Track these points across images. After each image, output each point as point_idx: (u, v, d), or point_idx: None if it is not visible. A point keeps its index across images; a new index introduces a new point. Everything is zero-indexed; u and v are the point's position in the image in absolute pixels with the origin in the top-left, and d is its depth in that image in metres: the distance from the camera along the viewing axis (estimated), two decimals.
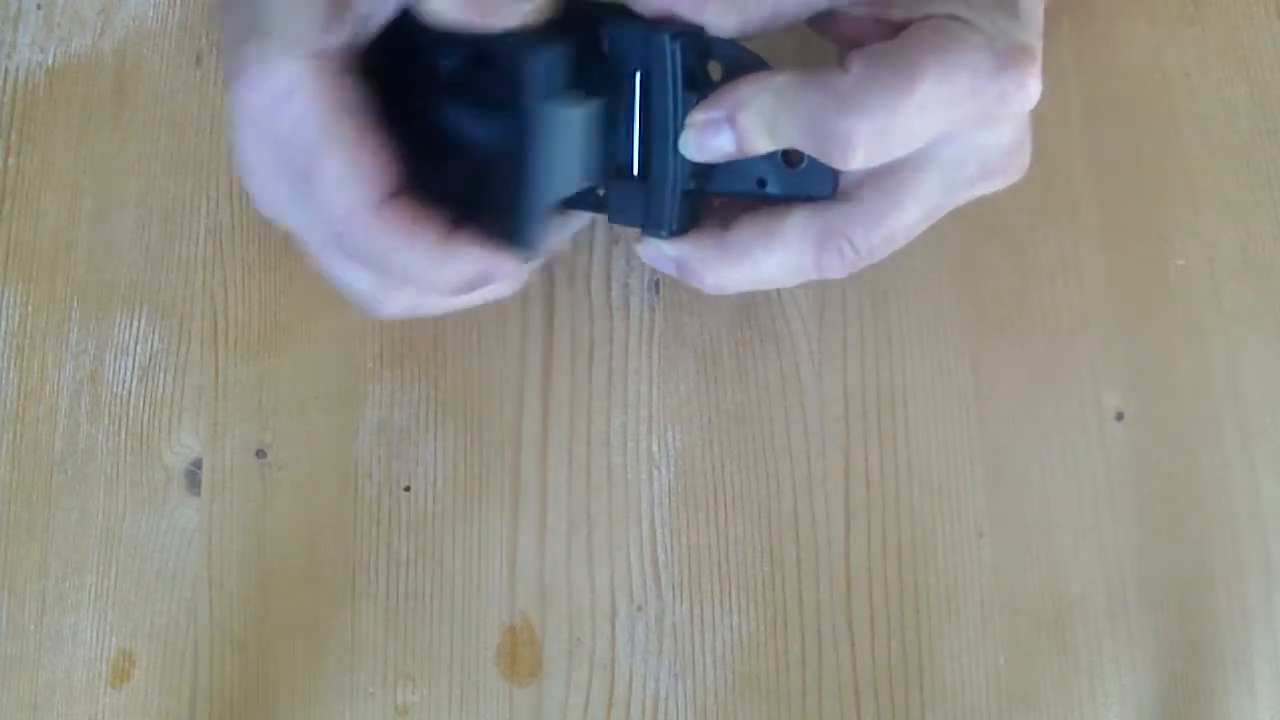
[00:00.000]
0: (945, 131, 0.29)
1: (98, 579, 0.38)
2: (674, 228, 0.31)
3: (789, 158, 0.31)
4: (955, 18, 0.29)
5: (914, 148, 0.29)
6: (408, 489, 0.38)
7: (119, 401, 0.39)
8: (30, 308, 0.40)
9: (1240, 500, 0.37)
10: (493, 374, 0.39)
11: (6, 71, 0.42)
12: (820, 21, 0.32)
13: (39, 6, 0.43)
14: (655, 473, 0.38)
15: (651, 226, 0.32)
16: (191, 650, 0.37)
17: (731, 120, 0.30)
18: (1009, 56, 0.29)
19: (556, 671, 0.36)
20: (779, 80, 0.30)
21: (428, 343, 0.39)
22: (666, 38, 0.30)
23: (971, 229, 0.39)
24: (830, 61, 0.30)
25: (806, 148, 0.30)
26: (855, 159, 0.29)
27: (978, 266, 0.39)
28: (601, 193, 0.32)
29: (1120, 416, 0.37)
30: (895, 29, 0.30)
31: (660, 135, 0.31)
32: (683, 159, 0.31)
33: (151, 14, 0.43)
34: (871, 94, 0.28)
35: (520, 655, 0.37)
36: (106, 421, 0.39)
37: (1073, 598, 0.36)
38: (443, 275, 0.30)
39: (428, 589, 0.37)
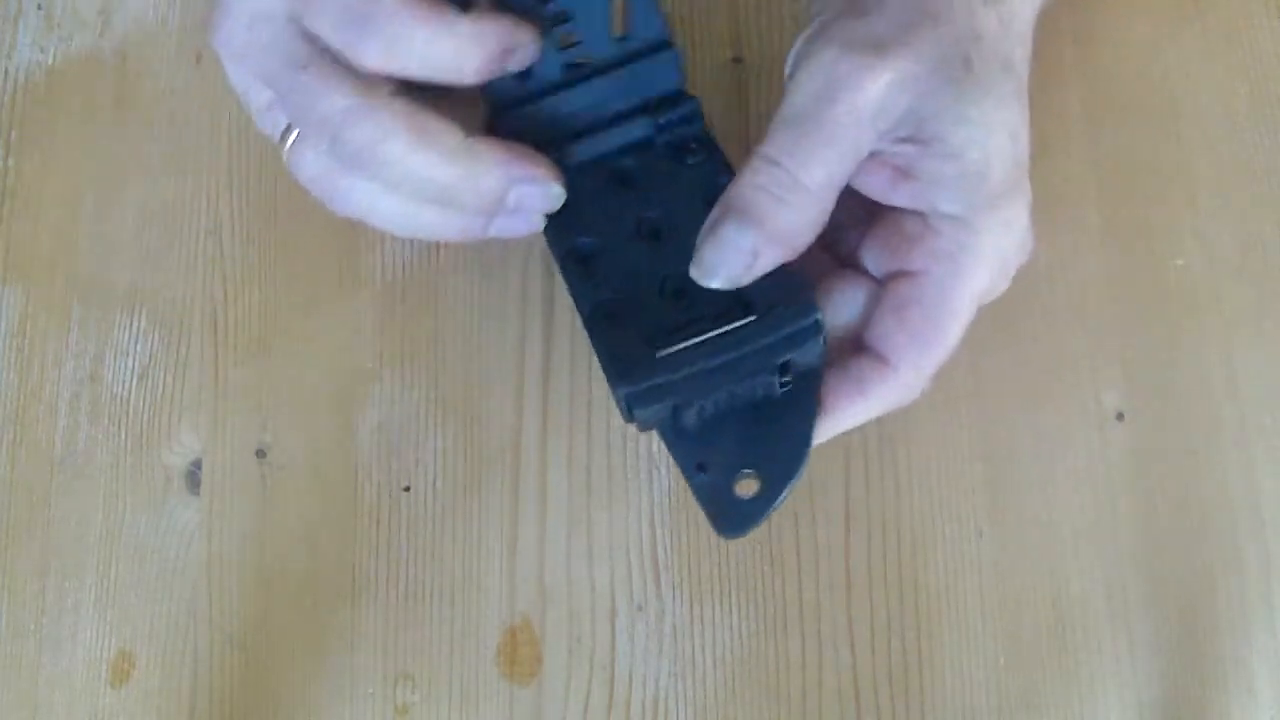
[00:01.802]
0: None
1: (98, 579, 0.38)
2: (633, 396, 0.30)
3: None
4: (964, 224, 0.30)
5: None
6: (408, 489, 0.38)
7: (119, 401, 0.39)
8: (30, 308, 0.40)
9: (1240, 500, 0.37)
10: (493, 374, 0.39)
11: (6, 71, 0.42)
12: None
13: (39, 6, 0.43)
14: (655, 473, 0.38)
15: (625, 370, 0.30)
16: (191, 650, 0.37)
17: None
18: (1018, 251, 0.32)
19: (556, 671, 0.36)
20: (847, 397, 0.31)
21: (428, 343, 0.39)
22: (814, 315, 0.30)
23: None
24: None
25: None
26: None
27: None
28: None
29: (1120, 416, 0.37)
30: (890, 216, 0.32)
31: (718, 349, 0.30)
32: (707, 386, 0.30)
33: (151, 14, 0.43)
34: (929, 371, 0.31)
35: (520, 655, 0.37)
36: (106, 421, 0.39)
37: (1073, 598, 0.36)
38: (461, 47, 0.29)
39: (427, 589, 0.37)
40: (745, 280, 0.30)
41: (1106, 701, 0.36)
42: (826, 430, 0.32)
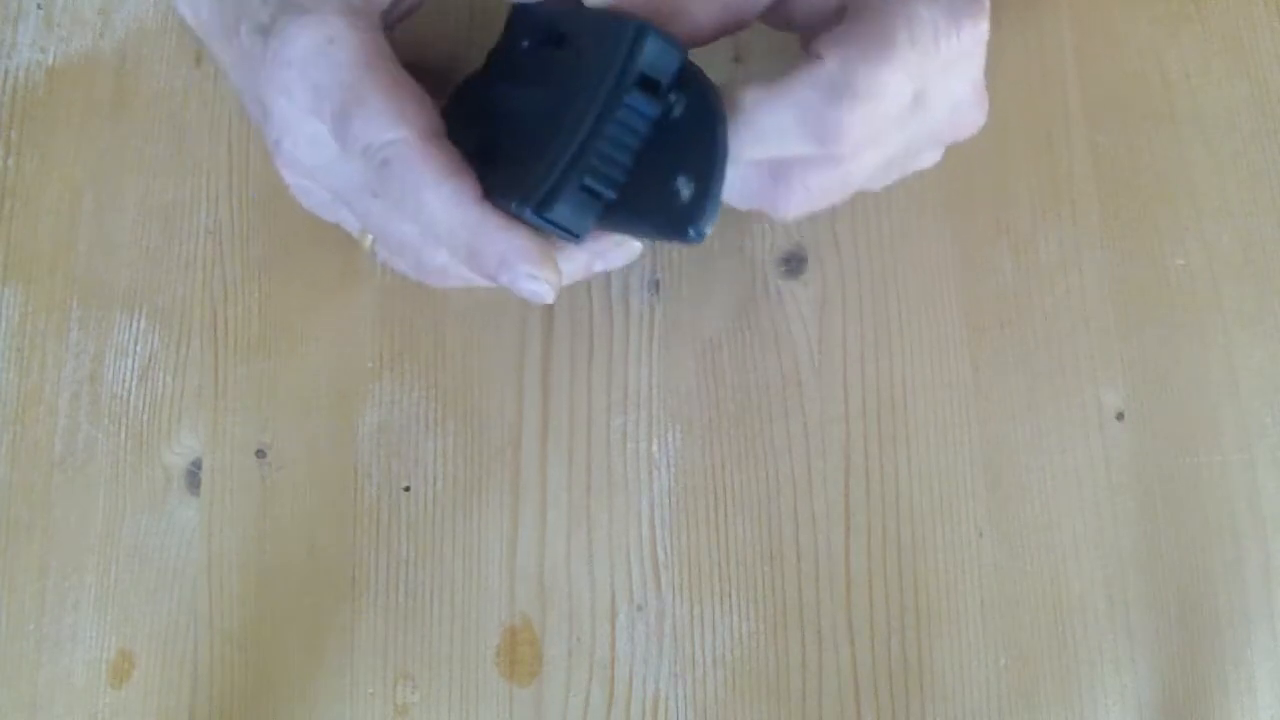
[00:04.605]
0: (919, 90, 0.31)
1: (98, 579, 0.38)
2: (541, 207, 0.30)
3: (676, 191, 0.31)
4: None
5: (898, 117, 0.31)
6: (408, 489, 0.38)
7: (119, 401, 0.39)
8: (30, 308, 0.40)
9: (1240, 500, 0.37)
10: (493, 374, 0.39)
11: (6, 71, 0.42)
12: (774, 14, 0.33)
13: (39, 6, 0.43)
14: (655, 473, 0.38)
15: (511, 194, 0.30)
16: (191, 650, 0.37)
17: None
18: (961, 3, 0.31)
19: (556, 671, 0.36)
20: (760, 88, 0.30)
21: (428, 343, 0.39)
22: (631, 27, 0.30)
23: (972, 229, 0.39)
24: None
25: (800, 145, 0.30)
26: (848, 140, 0.30)
27: (978, 266, 0.39)
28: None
29: (1120, 416, 0.38)
30: (843, 9, 0.32)
31: (579, 109, 0.31)
32: (595, 151, 0.30)
33: (151, 14, 0.43)
34: (856, 75, 0.30)
35: (520, 655, 0.37)
36: (106, 421, 0.39)
37: (1073, 598, 0.36)
38: (473, 234, 0.30)
39: (428, 589, 0.37)
40: None
41: (1106, 701, 0.36)
42: (761, 108, 0.31)
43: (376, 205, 0.33)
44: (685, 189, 0.30)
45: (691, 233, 0.30)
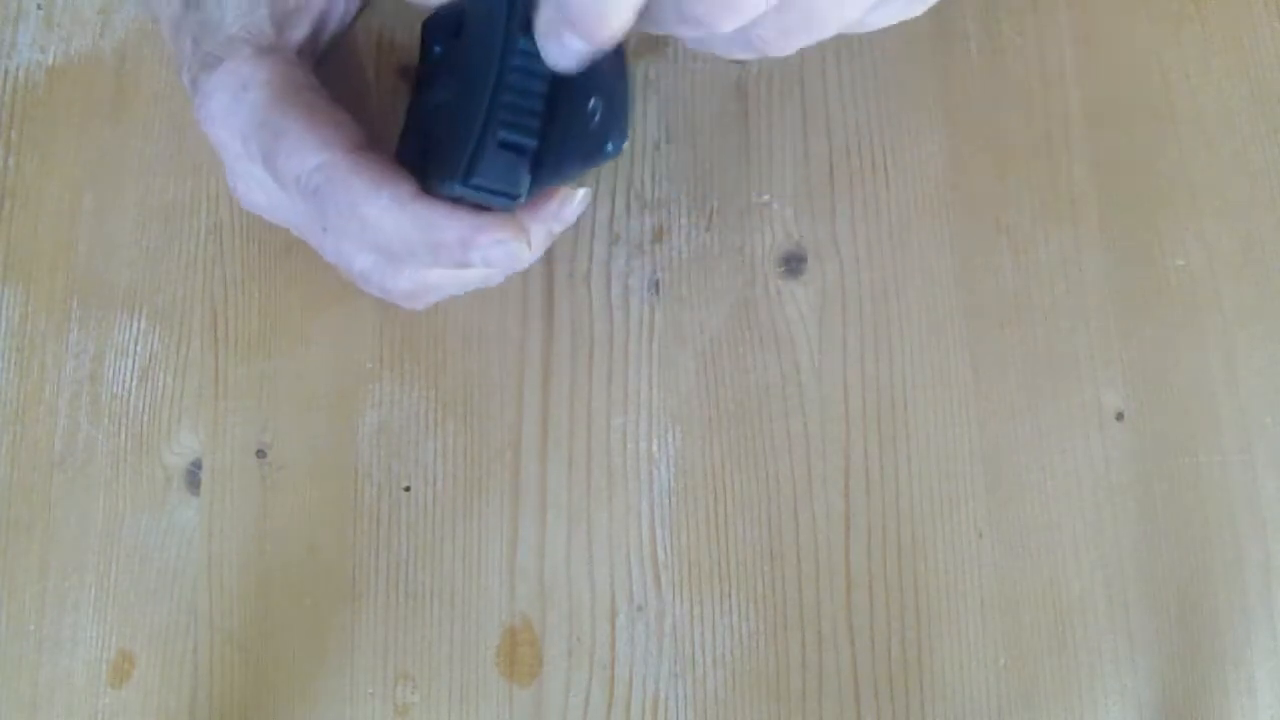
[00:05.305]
0: None
1: (98, 579, 0.38)
2: (467, 175, 0.30)
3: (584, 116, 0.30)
4: None
5: None
6: (408, 489, 0.38)
7: (119, 401, 0.39)
8: (30, 308, 0.40)
9: (1240, 500, 0.37)
10: (493, 374, 0.39)
11: (6, 71, 0.42)
12: None
13: (39, 6, 0.43)
14: (655, 473, 0.38)
15: (442, 176, 0.31)
16: (191, 650, 0.37)
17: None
18: None
19: (556, 671, 0.36)
20: None
21: (428, 343, 0.39)
22: None
23: (972, 229, 0.39)
24: None
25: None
26: None
27: (978, 266, 0.39)
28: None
29: (1120, 416, 0.37)
30: None
31: (481, 74, 0.31)
32: (503, 105, 0.30)
33: None
34: None
35: (520, 655, 0.37)
36: (106, 421, 0.39)
37: (1073, 598, 0.36)
38: (424, 231, 0.30)
39: (428, 589, 0.37)
40: None
41: (1106, 701, 0.36)
42: None
43: (330, 239, 0.33)
44: (597, 110, 0.30)
45: (609, 148, 0.29)
